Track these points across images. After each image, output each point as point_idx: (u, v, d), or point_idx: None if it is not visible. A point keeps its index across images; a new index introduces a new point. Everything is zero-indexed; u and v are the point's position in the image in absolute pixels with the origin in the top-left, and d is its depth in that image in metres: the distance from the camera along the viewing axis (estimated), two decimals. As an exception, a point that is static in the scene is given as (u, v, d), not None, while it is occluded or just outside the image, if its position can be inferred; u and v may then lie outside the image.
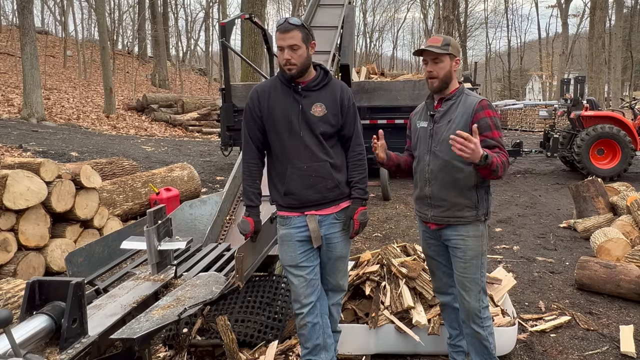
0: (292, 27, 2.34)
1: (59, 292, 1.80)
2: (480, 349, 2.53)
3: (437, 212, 2.45)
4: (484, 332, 2.49)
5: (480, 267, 2.46)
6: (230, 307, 3.24)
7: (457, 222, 2.42)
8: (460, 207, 2.40)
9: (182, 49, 42.70)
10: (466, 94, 2.44)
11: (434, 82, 2.42)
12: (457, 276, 2.49)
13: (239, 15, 8.73)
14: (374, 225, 6.35)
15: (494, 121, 2.35)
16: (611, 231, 4.80)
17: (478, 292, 2.46)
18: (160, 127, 17.51)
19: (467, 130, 2.27)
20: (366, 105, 8.90)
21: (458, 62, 2.44)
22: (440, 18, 28.35)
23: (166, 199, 5.81)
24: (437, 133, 2.42)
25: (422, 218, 2.56)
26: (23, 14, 13.25)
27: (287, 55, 2.33)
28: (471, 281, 2.44)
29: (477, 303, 2.45)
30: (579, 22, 38.70)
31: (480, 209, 2.43)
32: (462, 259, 2.44)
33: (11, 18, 34.66)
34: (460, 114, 2.37)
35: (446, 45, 2.37)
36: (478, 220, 2.43)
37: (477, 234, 2.44)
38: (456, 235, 2.44)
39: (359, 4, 42.31)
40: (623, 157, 9.35)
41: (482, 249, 2.47)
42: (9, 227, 4.25)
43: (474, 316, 2.47)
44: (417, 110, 2.65)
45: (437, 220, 2.47)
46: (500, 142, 2.33)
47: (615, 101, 22.29)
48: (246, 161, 2.53)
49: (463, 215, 2.41)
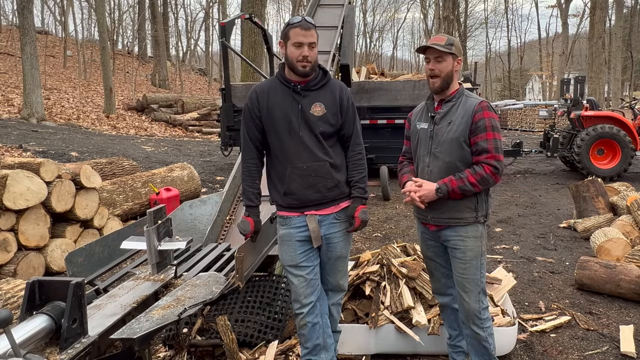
0: (311, 26, 2.37)
1: (59, 292, 1.80)
2: (480, 350, 2.52)
3: (436, 213, 2.45)
4: (483, 333, 2.49)
5: (480, 268, 2.47)
6: (230, 307, 3.24)
7: (456, 223, 2.43)
8: (459, 208, 2.40)
9: (182, 49, 42.77)
10: (466, 95, 2.46)
11: (435, 82, 2.41)
12: (456, 277, 2.49)
13: (239, 15, 8.73)
14: (374, 225, 6.35)
15: (491, 122, 2.35)
16: (611, 231, 4.80)
17: (478, 293, 2.46)
18: (160, 127, 17.52)
19: (467, 131, 2.36)
20: (366, 105, 8.90)
21: (460, 63, 2.44)
22: (440, 18, 28.35)
23: (166, 199, 5.81)
24: (437, 135, 2.43)
25: (421, 219, 2.56)
26: (23, 14, 13.26)
27: (306, 52, 2.35)
28: (471, 282, 2.45)
29: (477, 304, 2.45)
30: (579, 22, 38.73)
31: (480, 211, 2.43)
32: (462, 259, 2.44)
33: (11, 18, 34.70)
34: (460, 115, 2.38)
35: (450, 45, 2.37)
36: (477, 221, 2.44)
37: (477, 234, 2.44)
38: (455, 236, 2.44)
39: (359, 4, 42.37)
40: (623, 157, 9.35)
41: (482, 250, 2.47)
42: (9, 227, 4.25)
43: (474, 317, 2.47)
44: (416, 111, 2.64)
45: (436, 222, 2.47)
46: (492, 145, 2.33)
47: (615, 101, 22.30)
48: (245, 161, 2.53)
49: (463, 216, 2.42)
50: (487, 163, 2.33)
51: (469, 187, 2.33)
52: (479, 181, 2.33)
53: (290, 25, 2.37)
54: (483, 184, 2.34)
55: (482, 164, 2.34)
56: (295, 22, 2.37)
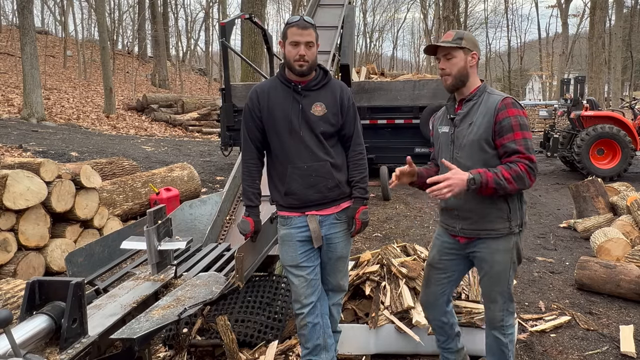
0: (309, 25, 2.37)
1: (59, 292, 1.80)
2: (497, 354, 2.42)
3: (466, 224, 2.27)
4: (505, 339, 2.37)
5: (508, 279, 2.31)
6: (230, 307, 3.24)
7: (487, 235, 2.24)
8: (491, 218, 2.22)
9: (182, 49, 42.67)
10: (488, 92, 2.25)
11: (447, 80, 2.25)
12: (483, 288, 2.38)
13: (239, 15, 8.73)
14: (374, 225, 6.35)
15: (518, 120, 2.13)
16: (611, 231, 4.80)
17: (504, 302, 2.33)
18: (160, 127, 17.51)
19: (489, 132, 2.15)
20: (366, 105, 8.89)
21: (475, 57, 2.24)
22: (440, 18, 28.32)
23: (166, 199, 5.81)
24: (458, 138, 2.25)
25: (450, 231, 2.37)
26: (23, 14, 13.25)
27: (302, 51, 2.34)
28: (497, 293, 2.32)
29: (501, 312, 2.34)
30: (579, 22, 38.69)
31: (514, 220, 2.23)
32: (489, 273, 2.30)
33: (11, 18, 34.68)
34: (481, 115, 2.19)
35: (459, 39, 2.21)
36: (512, 232, 2.24)
37: (509, 246, 2.26)
38: (484, 248, 2.27)
39: (359, 4, 42.32)
40: (623, 157, 9.35)
41: (512, 260, 2.29)
42: (9, 227, 4.25)
43: (497, 325, 2.37)
44: (439, 114, 2.47)
45: (466, 234, 2.29)
46: (522, 145, 2.11)
47: (615, 101, 22.28)
48: (245, 161, 2.53)
49: (495, 227, 2.23)
50: (520, 162, 2.10)
51: (504, 182, 2.07)
52: (514, 178, 2.08)
53: (288, 25, 2.38)
54: (518, 183, 2.09)
55: (516, 162, 2.11)
56: (292, 22, 2.37)
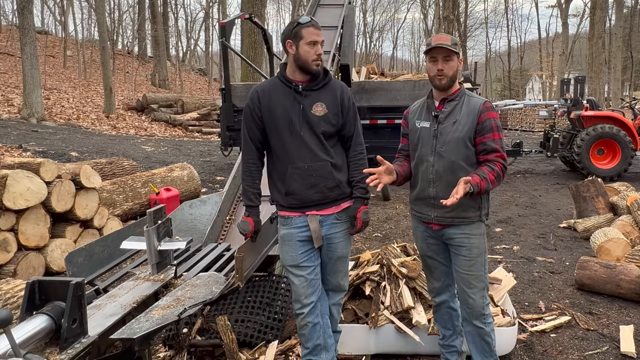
0: (320, 26, 2.43)
1: (59, 292, 1.80)
2: (481, 346, 2.55)
3: (440, 212, 2.45)
4: (487, 328, 2.53)
5: (484, 264, 2.51)
6: (230, 307, 3.24)
7: (461, 222, 2.46)
8: (464, 207, 2.41)
9: (182, 49, 42.69)
10: (468, 95, 2.50)
11: (442, 80, 2.42)
12: (461, 275, 2.50)
13: (239, 15, 8.73)
14: (374, 225, 6.35)
15: (496, 123, 2.42)
16: (611, 231, 4.80)
17: (482, 289, 2.50)
18: (160, 127, 17.51)
19: (472, 131, 2.39)
20: (366, 105, 8.89)
21: (461, 62, 2.48)
22: (440, 18, 28.34)
23: (166, 199, 5.81)
24: (442, 134, 2.43)
25: (423, 219, 2.56)
26: (23, 14, 13.24)
27: (320, 50, 2.41)
28: (476, 278, 2.48)
29: (482, 300, 2.50)
30: (579, 22, 38.72)
31: (483, 209, 2.48)
32: (467, 257, 2.47)
33: (11, 18, 34.62)
34: (465, 115, 2.41)
35: (455, 45, 2.42)
36: (481, 220, 2.48)
37: (480, 231, 2.49)
38: (460, 233, 2.47)
39: (359, 4, 42.34)
40: (623, 157, 9.35)
41: (485, 247, 2.52)
42: (9, 227, 4.25)
43: (478, 313, 2.50)
44: (414, 109, 2.62)
45: (440, 221, 2.48)
46: (499, 145, 2.40)
47: (615, 101, 22.28)
48: (246, 161, 2.53)
49: (467, 215, 2.45)
50: (498, 161, 2.38)
51: (489, 186, 2.35)
52: (496, 177, 2.36)
53: (302, 25, 2.38)
54: (498, 181, 2.38)
55: (494, 162, 2.38)
56: (307, 22, 2.39)
